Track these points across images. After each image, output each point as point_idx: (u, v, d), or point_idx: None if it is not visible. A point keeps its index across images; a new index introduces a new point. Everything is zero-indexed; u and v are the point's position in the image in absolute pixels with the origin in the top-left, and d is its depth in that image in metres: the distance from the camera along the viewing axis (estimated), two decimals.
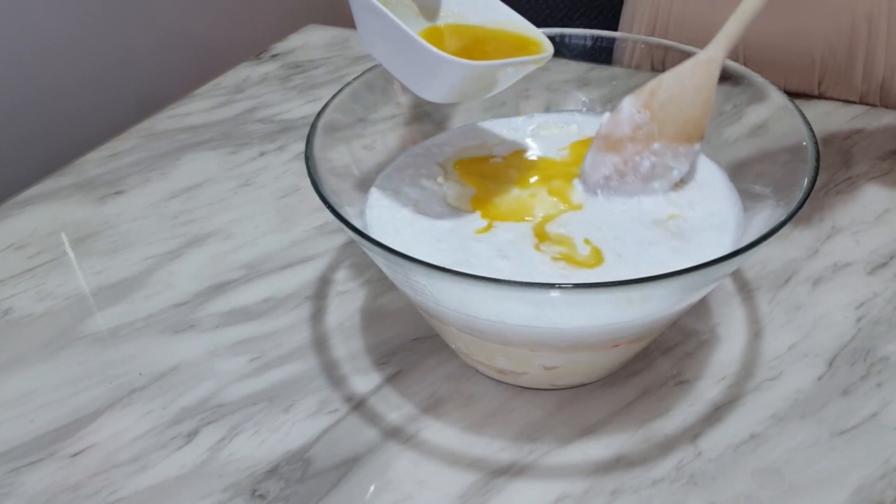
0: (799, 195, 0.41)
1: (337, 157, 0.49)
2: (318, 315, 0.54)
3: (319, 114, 0.48)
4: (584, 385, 0.48)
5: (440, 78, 0.43)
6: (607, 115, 0.47)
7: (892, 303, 0.53)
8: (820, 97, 0.75)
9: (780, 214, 0.41)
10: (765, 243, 0.38)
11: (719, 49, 0.45)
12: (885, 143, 0.69)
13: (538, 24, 0.50)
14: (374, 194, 0.50)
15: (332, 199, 0.42)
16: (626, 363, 0.49)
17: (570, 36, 0.56)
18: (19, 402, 0.49)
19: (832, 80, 0.73)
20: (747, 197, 0.48)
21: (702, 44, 0.52)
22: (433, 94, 0.44)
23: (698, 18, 0.74)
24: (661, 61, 0.58)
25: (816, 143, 0.44)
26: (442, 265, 0.37)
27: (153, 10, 1.00)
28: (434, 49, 0.41)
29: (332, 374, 0.50)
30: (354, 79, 0.51)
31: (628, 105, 0.47)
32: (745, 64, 0.50)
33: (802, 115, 0.46)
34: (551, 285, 0.37)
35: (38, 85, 0.88)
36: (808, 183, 0.42)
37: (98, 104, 0.94)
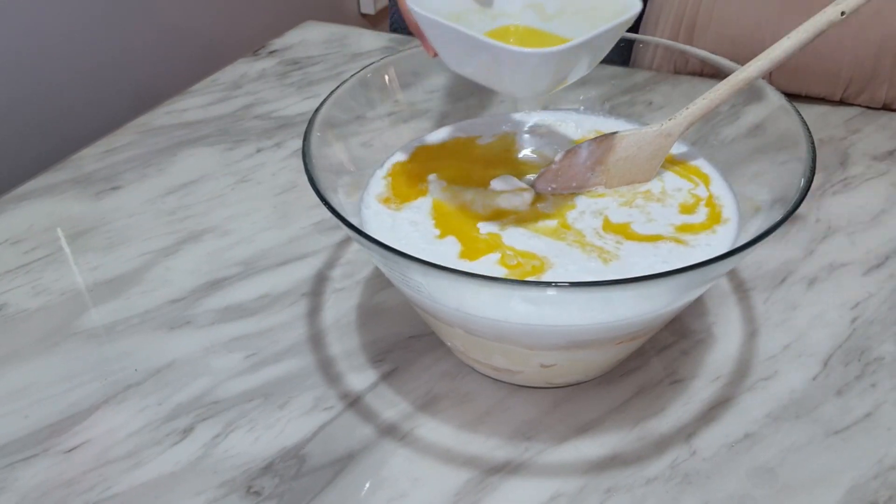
0: (795, 195, 0.41)
1: (334, 153, 0.49)
2: (314, 312, 0.54)
3: (317, 110, 0.48)
4: (579, 383, 0.48)
5: (526, 72, 0.42)
6: (560, 154, 0.49)
7: (887, 303, 0.53)
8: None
9: (777, 214, 0.41)
10: (761, 243, 0.38)
11: (680, 127, 0.48)
12: (882, 145, 0.69)
13: None
14: (372, 191, 0.50)
15: (329, 196, 0.42)
16: (622, 362, 0.49)
17: None
18: (14, 398, 0.49)
19: (856, 90, 0.72)
20: (744, 197, 0.48)
21: (729, 44, 0.51)
22: (525, 88, 0.44)
23: (728, 18, 0.72)
24: (683, 65, 0.56)
25: (813, 143, 0.44)
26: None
27: (151, 5, 1.00)
28: (511, 47, 0.41)
29: (328, 371, 0.50)
30: (352, 75, 0.51)
31: (585, 153, 0.49)
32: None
33: (800, 115, 0.46)
34: (548, 284, 0.37)
35: (35, 80, 0.88)
36: (804, 183, 0.42)
37: (95, 99, 0.94)
